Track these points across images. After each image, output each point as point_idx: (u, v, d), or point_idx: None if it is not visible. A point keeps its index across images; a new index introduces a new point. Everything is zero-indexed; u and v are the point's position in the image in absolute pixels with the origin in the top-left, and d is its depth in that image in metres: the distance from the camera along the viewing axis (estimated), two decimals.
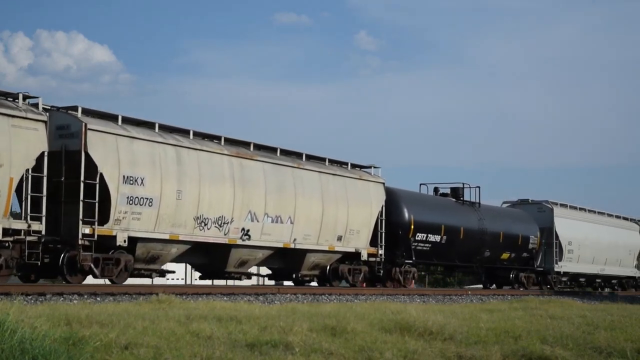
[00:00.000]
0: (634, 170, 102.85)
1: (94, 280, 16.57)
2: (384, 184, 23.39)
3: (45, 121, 14.99)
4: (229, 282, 23.59)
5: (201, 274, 20.20)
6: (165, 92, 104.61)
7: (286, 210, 19.77)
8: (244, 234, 18.71)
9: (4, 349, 5.95)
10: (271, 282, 25.59)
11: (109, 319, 8.37)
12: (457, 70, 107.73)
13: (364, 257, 22.24)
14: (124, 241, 15.87)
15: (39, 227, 14.63)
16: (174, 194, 16.99)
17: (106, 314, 9.08)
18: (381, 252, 22.71)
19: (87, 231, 15.29)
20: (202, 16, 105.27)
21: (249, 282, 24.20)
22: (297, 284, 21.62)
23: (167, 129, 17.79)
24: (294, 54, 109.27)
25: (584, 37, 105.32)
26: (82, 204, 15.27)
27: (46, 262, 15.21)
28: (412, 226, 23.80)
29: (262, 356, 7.43)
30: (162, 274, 17.73)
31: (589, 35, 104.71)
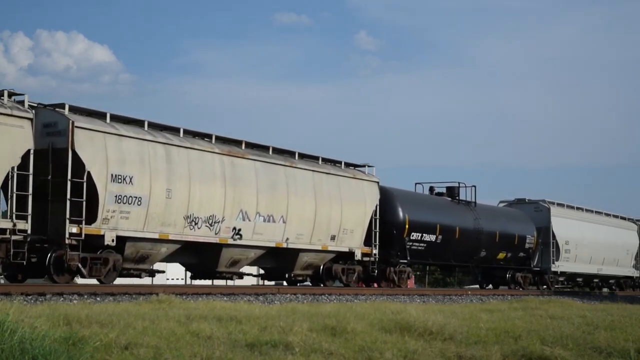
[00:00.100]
0: (634, 170, 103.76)
1: (94, 280, 16.71)
2: (378, 182, 23.55)
3: (31, 118, 15.04)
4: (229, 282, 23.74)
5: (192, 274, 20.32)
6: (165, 92, 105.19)
7: (278, 209, 19.90)
8: (235, 234, 18.83)
9: (4, 349, 6.05)
10: (271, 282, 25.71)
11: (109, 319, 8.51)
12: (457, 70, 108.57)
13: (358, 256, 22.40)
14: (112, 240, 15.96)
15: (25, 226, 14.68)
16: (163, 193, 17.09)
17: (106, 314, 9.21)
18: (375, 251, 22.88)
19: (74, 230, 15.37)
20: (202, 16, 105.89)
21: (249, 282, 24.36)
22: (290, 284, 21.76)
23: (157, 127, 17.88)
24: (294, 54, 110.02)
25: (584, 37, 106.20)
26: (69, 202, 15.35)
27: (33, 261, 15.28)
28: (407, 225, 23.97)
29: (262, 356, 7.56)
30: (152, 273, 17.82)
31: (589, 35, 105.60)
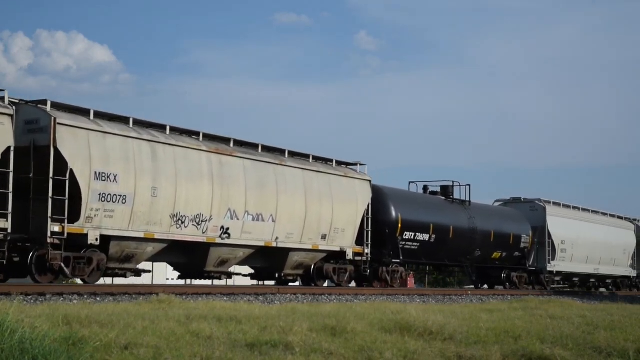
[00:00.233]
0: (634, 170, 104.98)
1: (100, 280, 16.84)
2: (371, 181, 23.77)
3: (11, 115, 15.13)
4: (229, 282, 23.91)
5: (180, 274, 20.47)
6: (165, 92, 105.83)
7: (268, 208, 20.09)
8: (223, 233, 19.00)
9: (4, 349, 6.21)
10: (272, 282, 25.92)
11: (108, 319, 8.69)
12: (457, 70, 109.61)
13: (350, 256, 22.63)
14: (96, 239, 16.08)
15: (5, 224, 14.78)
16: (149, 191, 17.23)
17: (106, 314, 9.39)
18: (367, 251, 23.11)
19: (56, 229, 15.49)
20: (202, 16, 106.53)
21: (249, 282, 24.59)
22: (280, 283, 21.95)
23: (143, 124, 18.02)
24: (294, 54, 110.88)
25: (584, 37, 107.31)
26: (51, 201, 15.46)
27: (16, 261, 15.40)
28: (400, 225, 24.21)
29: (262, 356, 7.75)
30: (138, 273, 17.94)
31: (589, 35, 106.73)
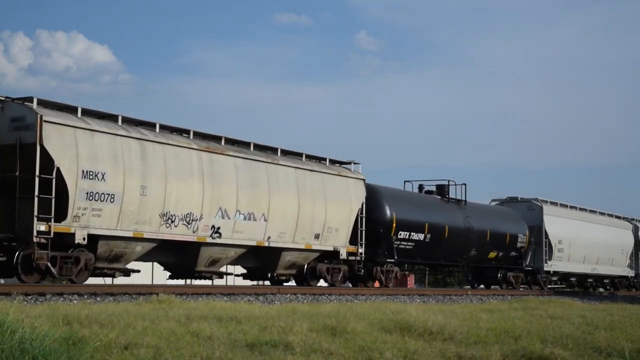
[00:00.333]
0: (634, 170, 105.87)
1: (91, 280, 16.95)
2: (365, 180, 23.95)
3: None
4: (229, 282, 24.06)
5: (171, 274, 20.59)
6: (165, 92, 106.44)
7: (259, 207, 20.23)
8: (214, 232, 19.13)
9: (4, 349, 6.33)
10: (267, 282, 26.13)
11: (108, 319, 8.85)
12: (457, 70, 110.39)
13: (343, 255, 22.81)
14: (84, 239, 16.17)
15: None
16: (137, 190, 17.33)
17: (106, 314, 9.54)
18: (361, 250, 23.30)
19: (42, 228, 15.56)
20: (202, 16, 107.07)
21: (248, 282, 24.77)
22: (273, 283, 22.12)
23: (132, 122, 18.13)
24: (294, 54, 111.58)
25: (584, 37, 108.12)
26: (37, 199, 15.54)
27: (2, 260, 15.50)
28: (394, 224, 24.40)
29: (262, 356, 7.90)
30: (127, 273, 18.05)
31: (589, 35, 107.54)
